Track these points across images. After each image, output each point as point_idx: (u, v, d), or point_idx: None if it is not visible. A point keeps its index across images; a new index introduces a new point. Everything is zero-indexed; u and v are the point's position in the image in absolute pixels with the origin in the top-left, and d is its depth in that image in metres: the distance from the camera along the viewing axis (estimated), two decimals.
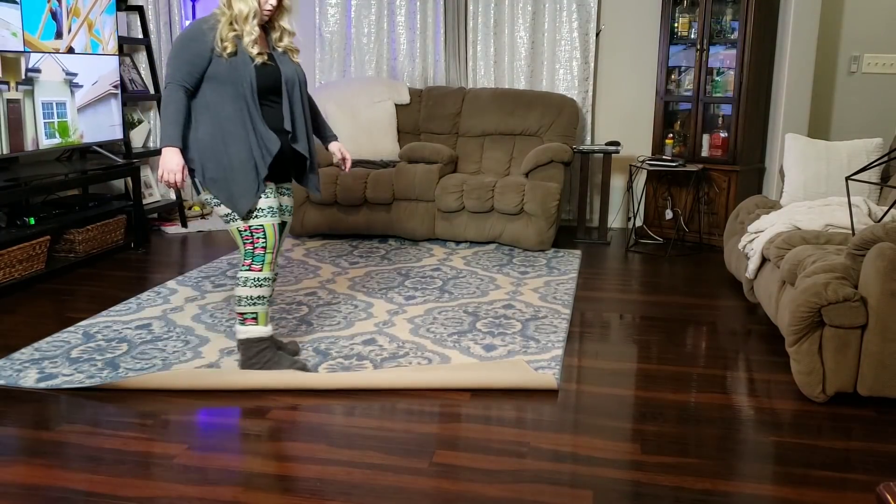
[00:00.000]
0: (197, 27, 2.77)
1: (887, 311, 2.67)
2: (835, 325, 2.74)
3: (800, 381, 2.84)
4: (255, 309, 2.89)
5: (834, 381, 2.78)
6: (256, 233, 2.83)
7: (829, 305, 2.72)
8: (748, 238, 3.83)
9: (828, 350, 2.77)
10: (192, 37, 2.76)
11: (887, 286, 2.66)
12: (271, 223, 2.85)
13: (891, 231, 2.72)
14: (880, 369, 2.72)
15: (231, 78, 2.74)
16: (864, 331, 2.74)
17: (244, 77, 2.74)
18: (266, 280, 2.88)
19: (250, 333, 2.91)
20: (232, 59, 2.74)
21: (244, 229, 2.83)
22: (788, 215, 3.66)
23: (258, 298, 2.88)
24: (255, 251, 2.85)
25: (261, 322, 2.92)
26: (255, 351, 2.92)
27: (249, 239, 2.84)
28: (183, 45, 2.76)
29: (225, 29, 2.74)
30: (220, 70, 2.74)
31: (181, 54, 2.74)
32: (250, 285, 2.87)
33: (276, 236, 2.88)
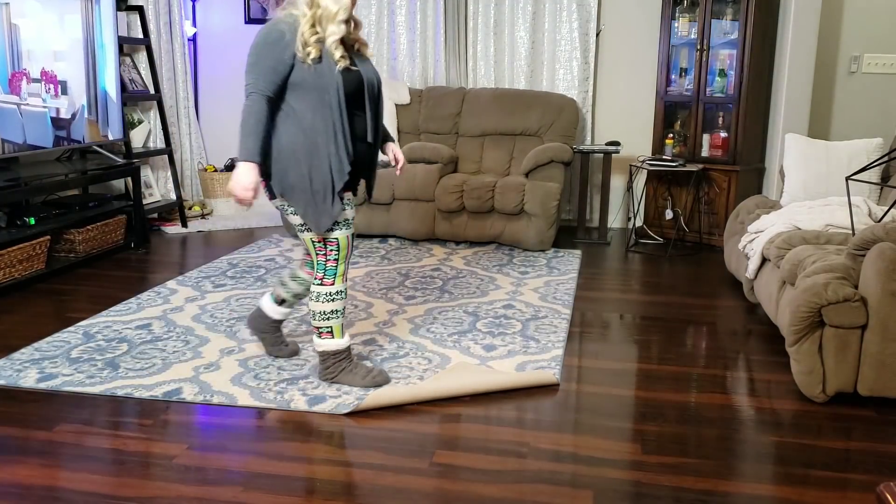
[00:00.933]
0: (275, 29, 2.57)
1: (887, 311, 2.67)
2: (835, 325, 2.74)
3: (800, 381, 2.84)
4: (329, 323, 2.80)
5: (834, 381, 2.78)
6: (331, 245, 2.73)
7: (830, 305, 2.72)
8: (748, 238, 3.83)
9: (828, 350, 2.77)
10: (273, 40, 2.55)
11: (887, 286, 2.66)
12: (346, 235, 2.74)
13: (891, 231, 2.72)
14: (881, 369, 2.72)
15: (316, 85, 2.58)
16: (864, 331, 2.74)
17: (330, 85, 2.58)
18: (339, 294, 2.78)
19: (327, 347, 2.83)
20: (317, 66, 2.56)
21: (318, 240, 2.73)
22: (788, 215, 3.66)
23: (332, 313, 2.78)
24: (328, 263, 2.74)
25: (336, 335, 2.83)
26: (331, 362, 2.85)
27: (322, 251, 2.74)
28: (265, 51, 2.56)
29: (307, 31, 2.55)
30: (305, 77, 2.57)
31: (264, 61, 2.55)
32: (323, 300, 2.76)
33: (350, 248, 2.78)
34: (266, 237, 5.29)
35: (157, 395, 2.79)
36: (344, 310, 2.82)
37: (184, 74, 5.93)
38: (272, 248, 4.97)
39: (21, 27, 4.21)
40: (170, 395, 2.79)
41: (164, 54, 5.76)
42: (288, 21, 2.58)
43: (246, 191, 2.59)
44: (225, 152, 6.30)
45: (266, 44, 2.56)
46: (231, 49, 6.21)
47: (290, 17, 2.59)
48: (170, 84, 5.85)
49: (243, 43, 6.44)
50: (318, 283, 2.77)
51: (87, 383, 2.88)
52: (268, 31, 2.58)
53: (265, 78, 2.56)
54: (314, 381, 2.92)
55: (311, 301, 2.79)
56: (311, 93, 2.59)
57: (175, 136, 5.91)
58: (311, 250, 2.78)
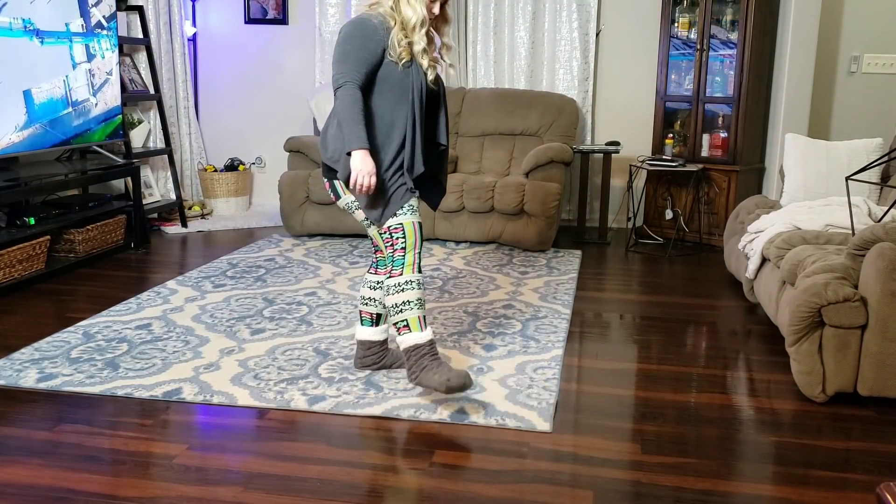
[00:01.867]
0: (367, 24, 2.59)
1: (887, 311, 2.67)
2: (835, 325, 2.74)
3: (800, 381, 2.84)
4: (403, 316, 2.69)
5: (834, 381, 2.78)
6: (396, 232, 2.68)
7: (829, 305, 2.72)
8: (748, 238, 3.83)
9: (828, 350, 2.76)
10: (366, 35, 2.57)
11: (887, 286, 2.66)
12: (411, 221, 2.68)
13: (891, 231, 2.72)
14: (881, 369, 2.72)
15: (402, 84, 2.61)
16: (864, 331, 2.74)
17: (416, 86, 2.62)
18: (408, 283, 2.68)
19: (406, 342, 2.72)
20: (405, 66, 2.61)
21: (383, 231, 2.70)
22: (788, 215, 3.66)
23: (404, 304, 2.68)
24: (396, 253, 2.69)
25: (413, 328, 2.70)
26: (413, 360, 2.71)
27: (390, 241, 2.69)
28: (358, 42, 2.57)
29: (399, 34, 2.59)
30: (392, 74, 2.60)
31: (357, 53, 2.56)
32: (393, 292, 2.69)
33: (417, 234, 2.70)
34: (266, 237, 5.29)
35: (157, 395, 2.79)
36: (419, 301, 2.70)
37: (184, 74, 5.93)
38: (272, 248, 4.97)
39: None
40: (170, 395, 2.79)
41: (164, 54, 5.76)
42: (378, 18, 2.60)
43: (370, 175, 2.54)
44: (225, 152, 6.30)
45: (359, 36, 2.57)
46: (231, 49, 6.21)
47: (379, 15, 2.61)
48: (170, 84, 5.85)
49: (243, 43, 6.50)
50: (388, 276, 2.72)
51: (87, 383, 2.88)
52: (359, 24, 2.59)
53: (357, 69, 2.55)
54: (314, 380, 2.92)
55: (385, 297, 2.73)
56: (395, 89, 2.60)
57: (175, 136, 5.91)
58: (380, 244, 2.76)
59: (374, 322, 2.96)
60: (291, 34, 6.11)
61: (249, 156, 6.34)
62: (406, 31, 2.61)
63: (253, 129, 6.31)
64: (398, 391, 2.84)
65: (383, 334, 2.98)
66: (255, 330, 3.46)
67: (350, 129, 2.54)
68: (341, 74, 2.57)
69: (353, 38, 2.58)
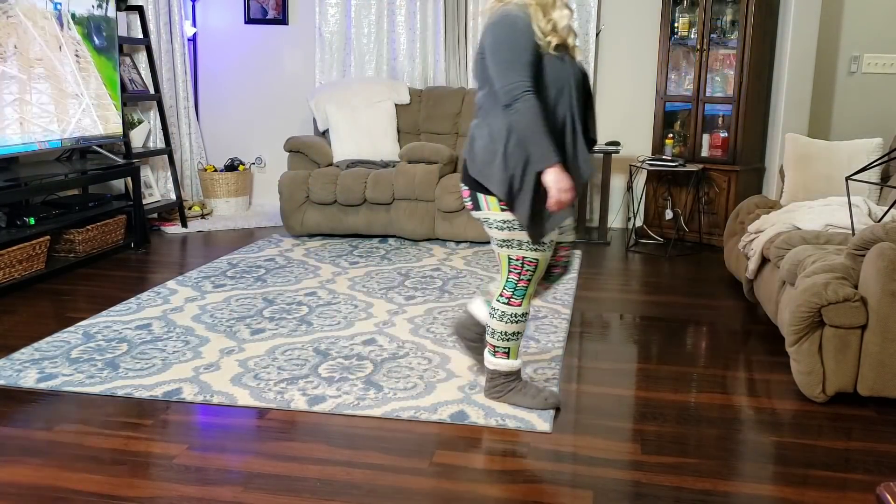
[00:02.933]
0: (515, 20, 2.34)
1: (887, 311, 2.67)
2: (835, 325, 2.74)
3: (800, 381, 2.84)
4: (508, 344, 2.64)
5: (834, 381, 2.78)
6: (529, 265, 2.54)
7: (830, 305, 2.72)
8: (748, 238, 3.83)
9: (828, 350, 2.77)
10: (520, 32, 2.33)
11: (887, 286, 2.66)
12: (546, 257, 2.57)
13: (891, 231, 2.72)
14: (881, 369, 2.72)
15: (558, 78, 2.37)
16: (864, 331, 2.74)
17: (569, 77, 2.39)
18: (523, 316, 2.62)
19: (499, 367, 2.68)
20: (554, 58, 2.36)
21: (516, 258, 2.53)
22: (788, 215, 3.66)
23: (513, 335, 2.62)
24: (519, 283, 2.56)
25: (512, 356, 2.67)
26: (500, 382, 2.71)
27: (518, 269, 2.55)
28: (520, 44, 2.32)
29: (542, 20, 2.34)
30: (548, 69, 2.36)
31: (521, 56, 2.32)
32: (507, 321, 2.60)
33: (543, 269, 2.60)
34: (266, 237, 5.29)
35: (157, 395, 2.79)
36: (523, 331, 2.66)
37: (184, 74, 5.93)
38: (272, 248, 4.97)
39: None
40: (170, 395, 2.79)
41: (164, 54, 5.76)
42: (521, 11, 2.36)
43: (571, 191, 2.36)
44: (225, 152, 6.31)
45: (521, 35, 2.33)
46: (231, 49, 6.21)
47: (519, 7, 2.37)
48: (170, 84, 5.85)
49: (243, 43, 6.49)
50: (505, 301, 2.59)
51: (87, 383, 2.88)
52: (508, 23, 2.35)
53: (529, 74, 2.32)
54: (314, 380, 2.92)
55: (494, 319, 2.63)
56: (552, 86, 2.38)
57: (175, 136, 5.91)
58: (503, 267, 2.58)
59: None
60: (291, 34, 6.11)
61: (249, 156, 6.33)
62: (545, 10, 2.36)
63: (253, 129, 6.31)
64: (398, 391, 2.84)
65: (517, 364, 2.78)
66: (255, 330, 3.46)
67: (539, 145, 2.32)
68: (514, 85, 2.31)
69: (510, 40, 2.33)
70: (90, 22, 4.75)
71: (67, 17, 4.55)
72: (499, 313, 2.62)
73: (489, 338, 2.67)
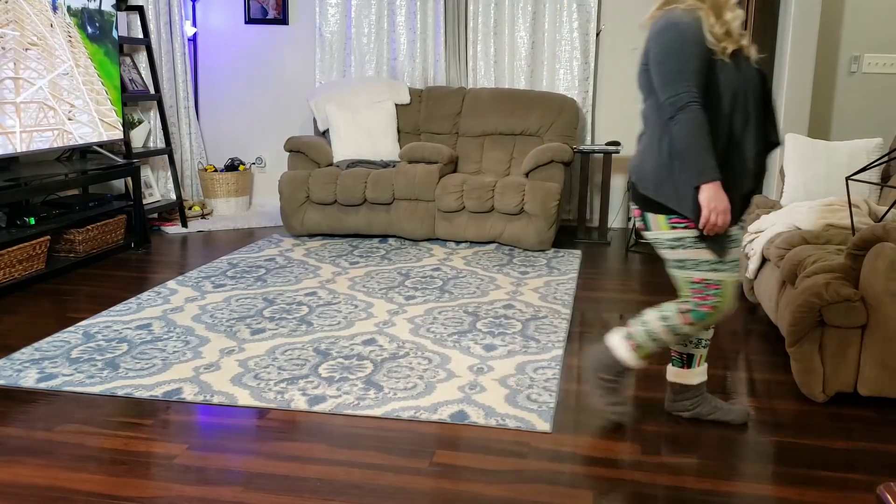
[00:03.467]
0: (683, 27, 2.22)
1: (887, 310, 2.67)
2: (835, 325, 2.74)
3: (800, 381, 2.84)
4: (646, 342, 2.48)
5: (834, 381, 2.78)
6: (711, 289, 2.36)
7: (829, 305, 2.72)
8: (748, 238, 3.83)
9: (828, 350, 2.77)
10: (694, 39, 2.20)
11: (887, 286, 2.66)
12: (731, 279, 2.37)
13: (891, 230, 2.72)
14: (881, 370, 2.71)
15: (732, 84, 2.24)
16: (864, 331, 2.73)
17: (746, 81, 2.25)
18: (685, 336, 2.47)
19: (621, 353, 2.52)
20: (729, 63, 2.24)
21: (697, 281, 2.36)
22: (788, 215, 3.66)
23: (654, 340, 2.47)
24: (703, 308, 2.38)
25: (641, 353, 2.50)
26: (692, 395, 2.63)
27: (700, 293, 2.37)
28: (688, 50, 2.20)
29: (715, 24, 2.22)
30: (720, 77, 2.23)
31: (690, 62, 2.19)
32: (667, 327, 2.43)
33: (733, 300, 2.41)
34: (266, 237, 5.29)
35: (157, 395, 2.79)
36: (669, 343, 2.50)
37: (184, 74, 5.93)
38: (272, 248, 4.97)
39: None
40: (170, 395, 2.79)
41: (164, 54, 5.76)
42: (689, 17, 2.23)
43: (726, 214, 2.22)
44: (225, 152, 6.31)
45: (687, 42, 2.20)
46: (231, 49, 6.22)
47: (686, 12, 2.24)
48: (170, 84, 5.85)
49: (243, 43, 6.49)
50: (679, 311, 2.41)
51: (87, 383, 2.88)
52: (678, 32, 2.22)
53: (695, 83, 2.19)
54: (314, 380, 2.92)
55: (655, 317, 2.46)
56: (724, 95, 2.24)
57: (175, 136, 5.91)
58: (684, 290, 2.41)
59: (685, 363, 2.63)
60: (291, 34, 6.11)
61: (249, 156, 6.34)
62: (719, 12, 2.23)
63: (253, 129, 6.31)
64: (398, 391, 2.84)
65: (700, 377, 2.65)
66: (256, 330, 3.46)
67: (698, 159, 2.19)
68: (679, 96, 2.19)
69: (676, 49, 2.21)
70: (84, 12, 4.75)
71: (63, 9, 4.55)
72: (663, 316, 2.44)
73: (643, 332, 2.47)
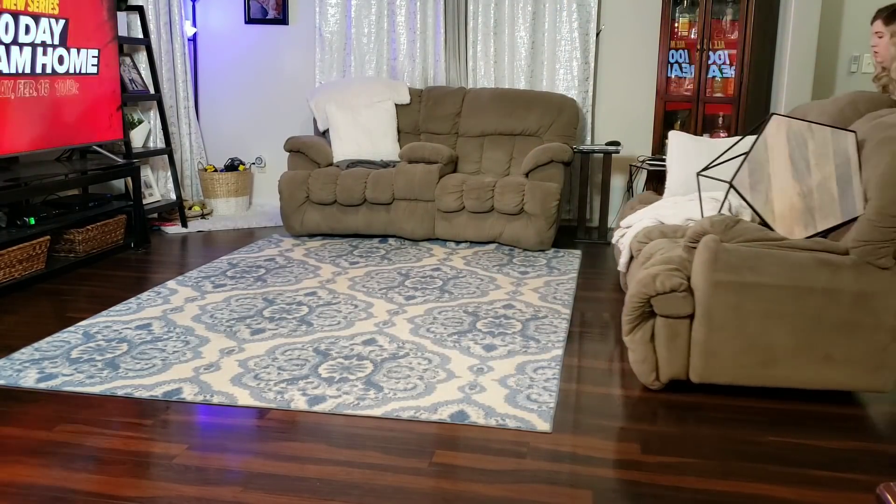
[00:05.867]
0: None
1: (712, 300, 2.74)
2: (664, 314, 2.82)
3: (635, 369, 2.91)
4: None
5: (667, 368, 2.86)
6: None
7: (658, 296, 2.79)
8: (619, 233, 3.88)
9: (659, 339, 2.84)
10: None
11: (711, 276, 2.73)
12: None
13: (716, 224, 2.80)
14: (708, 357, 2.79)
15: None
16: (692, 320, 2.81)
17: None
18: None
19: None
20: None
21: None
22: (655, 210, 3.74)
23: None
24: None
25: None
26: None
27: None
28: None
29: None
30: None
31: None
32: None
33: None
34: (266, 237, 5.29)
35: (157, 395, 2.79)
36: None
37: (184, 74, 5.93)
38: (272, 248, 4.97)
39: None
40: (170, 395, 2.79)
41: (164, 54, 5.76)
42: None
43: None
44: (225, 152, 6.31)
45: None
46: (231, 49, 6.22)
47: None
48: (170, 84, 5.85)
49: (243, 43, 6.50)
50: None
51: (87, 383, 2.88)
52: None
53: None
54: (314, 380, 2.92)
55: None
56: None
57: (175, 136, 5.91)
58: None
59: None
60: (291, 34, 6.12)
61: (249, 156, 6.34)
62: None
63: (253, 129, 6.31)
64: (398, 391, 2.84)
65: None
66: (255, 330, 3.46)
67: None
68: None
69: None
70: None
71: None
72: None
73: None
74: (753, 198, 3.03)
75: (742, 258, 2.71)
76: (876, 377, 2.74)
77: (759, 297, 2.71)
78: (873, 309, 2.69)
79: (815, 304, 2.70)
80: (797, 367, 2.76)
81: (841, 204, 2.87)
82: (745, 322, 2.74)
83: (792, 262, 2.70)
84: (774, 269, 2.70)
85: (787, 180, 2.97)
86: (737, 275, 2.71)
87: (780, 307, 2.72)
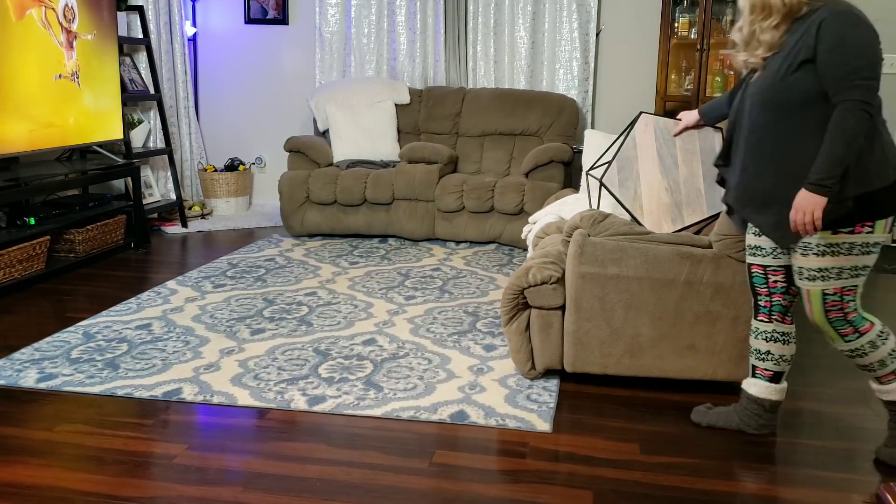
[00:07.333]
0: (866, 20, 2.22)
1: (580, 292, 2.81)
2: (537, 306, 2.89)
3: (513, 358, 2.98)
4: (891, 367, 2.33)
5: (541, 358, 2.94)
6: (848, 294, 2.25)
7: (531, 288, 2.87)
8: (527, 228, 3.94)
9: (533, 330, 2.91)
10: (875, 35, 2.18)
11: (578, 268, 2.80)
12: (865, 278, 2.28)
13: (585, 218, 2.85)
14: (579, 347, 2.86)
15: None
16: (563, 311, 2.87)
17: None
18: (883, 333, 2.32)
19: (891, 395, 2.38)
20: None
21: (834, 291, 2.24)
22: (558, 206, 3.79)
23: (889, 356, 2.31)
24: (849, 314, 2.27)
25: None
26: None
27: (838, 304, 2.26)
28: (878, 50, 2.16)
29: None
30: None
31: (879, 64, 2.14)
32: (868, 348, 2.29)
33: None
34: (266, 237, 5.29)
35: (157, 395, 2.79)
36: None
37: (184, 74, 5.93)
38: (272, 248, 4.97)
39: None
40: (170, 395, 2.79)
41: (164, 54, 5.76)
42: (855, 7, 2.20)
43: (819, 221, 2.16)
44: (225, 152, 6.30)
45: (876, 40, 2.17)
46: (231, 49, 6.21)
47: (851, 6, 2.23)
48: (170, 84, 5.85)
49: (243, 43, 6.49)
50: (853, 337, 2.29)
51: (87, 383, 2.88)
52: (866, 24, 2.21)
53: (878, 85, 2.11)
54: (314, 380, 2.92)
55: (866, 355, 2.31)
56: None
57: (175, 136, 5.91)
58: (817, 306, 2.27)
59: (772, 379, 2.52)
60: (291, 34, 6.11)
61: (249, 156, 6.34)
62: None
63: (253, 129, 6.31)
64: (398, 391, 2.84)
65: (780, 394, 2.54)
66: (255, 330, 3.46)
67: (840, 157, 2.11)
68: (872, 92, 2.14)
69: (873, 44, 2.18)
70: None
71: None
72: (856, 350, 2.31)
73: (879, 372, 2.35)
74: (622, 194, 3.09)
75: (606, 251, 2.77)
76: (738, 367, 2.81)
77: (622, 288, 2.79)
78: (733, 301, 2.75)
79: (676, 295, 2.77)
80: (661, 356, 2.84)
81: (707, 198, 2.97)
82: (611, 313, 2.81)
83: (653, 256, 2.76)
84: (636, 262, 2.77)
85: (655, 176, 3.05)
86: (601, 267, 2.78)
87: (641, 298, 2.79)
